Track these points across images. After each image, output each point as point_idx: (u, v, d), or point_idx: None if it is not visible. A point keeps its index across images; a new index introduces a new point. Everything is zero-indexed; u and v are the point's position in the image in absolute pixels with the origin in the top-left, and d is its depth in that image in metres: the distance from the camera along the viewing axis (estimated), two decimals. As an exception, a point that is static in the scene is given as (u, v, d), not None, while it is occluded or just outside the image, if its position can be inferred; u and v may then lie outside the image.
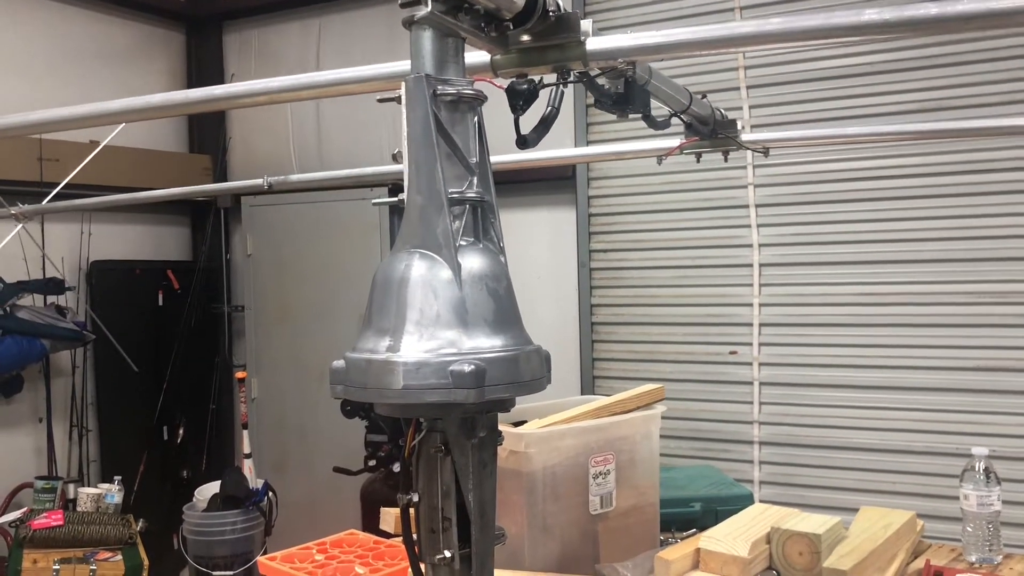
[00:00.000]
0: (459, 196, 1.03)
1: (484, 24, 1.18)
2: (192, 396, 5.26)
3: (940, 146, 3.69)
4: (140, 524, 3.94)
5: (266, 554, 2.46)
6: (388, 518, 2.44)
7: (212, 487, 3.93)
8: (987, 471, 2.13)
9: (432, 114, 1.00)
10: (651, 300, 4.35)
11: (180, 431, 5.19)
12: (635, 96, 1.71)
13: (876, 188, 3.85)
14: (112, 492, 4.12)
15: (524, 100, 1.47)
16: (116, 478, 4.26)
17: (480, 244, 1.04)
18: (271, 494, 3.98)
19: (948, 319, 3.73)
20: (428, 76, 1.01)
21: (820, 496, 3.87)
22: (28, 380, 4.55)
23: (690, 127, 2.29)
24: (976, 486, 2.12)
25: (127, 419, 5.03)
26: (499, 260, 1.05)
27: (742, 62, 4.07)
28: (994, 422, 3.63)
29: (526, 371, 1.00)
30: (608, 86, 1.67)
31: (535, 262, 4.58)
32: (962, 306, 3.70)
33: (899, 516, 2.20)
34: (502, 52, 1.34)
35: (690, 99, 2.07)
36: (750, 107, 4.06)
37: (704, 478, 2.96)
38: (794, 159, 3.99)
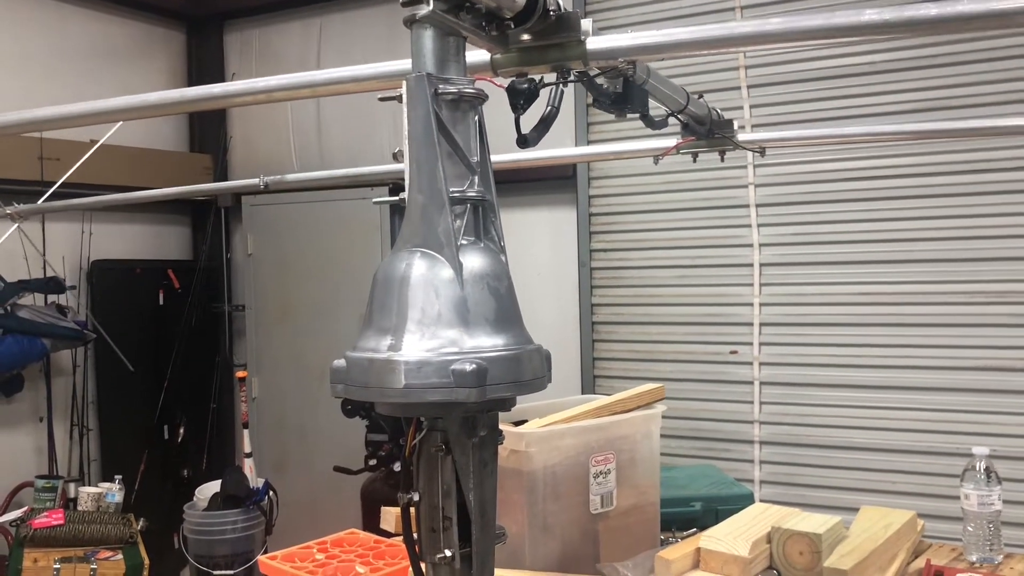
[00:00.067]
0: (460, 195, 1.03)
1: (485, 23, 1.18)
2: (193, 395, 5.26)
3: (940, 146, 3.69)
4: (141, 523, 3.95)
5: (266, 553, 2.46)
6: (389, 517, 2.44)
7: (213, 486, 3.95)
8: (988, 471, 2.13)
9: (433, 113, 1.00)
10: (652, 299, 4.35)
11: (181, 430, 5.19)
12: (634, 96, 1.71)
13: (876, 188, 3.85)
14: (113, 491, 4.12)
15: (525, 99, 1.47)
16: (117, 477, 4.27)
17: (481, 243, 1.04)
18: (271, 493, 4.01)
19: (949, 319, 3.72)
20: (429, 75, 1.01)
21: (821, 496, 3.87)
22: (29, 379, 4.55)
23: (687, 127, 2.29)
24: (977, 486, 2.12)
25: (128, 418, 5.03)
26: (500, 259, 1.05)
27: (743, 61, 4.07)
28: (995, 422, 3.63)
29: (527, 370, 1.00)
30: (607, 86, 1.67)
31: (535, 261, 4.58)
32: (962, 306, 3.70)
33: (900, 516, 2.20)
34: (502, 51, 1.34)
35: (687, 99, 2.07)
36: (751, 106, 4.06)
37: (704, 477, 2.95)
38: (794, 159, 3.99)
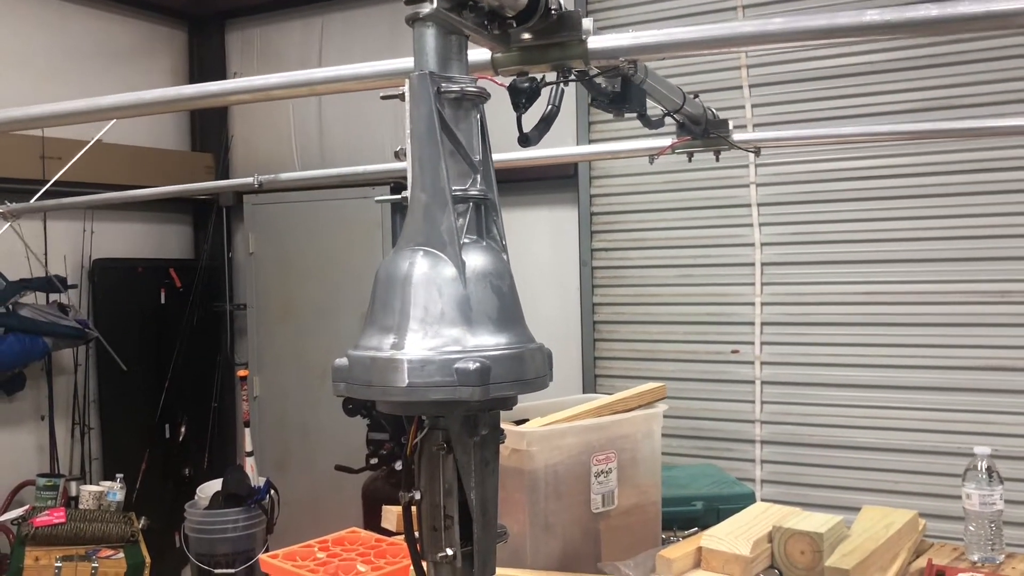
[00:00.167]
0: (462, 194, 1.03)
1: (487, 22, 1.18)
2: (194, 394, 5.27)
3: (941, 145, 3.68)
4: (142, 522, 3.95)
5: (268, 552, 2.46)
6: (390, 516, 2.44)
7: (214, 485, 3.95)
8: (990, 470, 2.13)
9: (436, 112, 1.00)
10: (653, 299, 4.35)
11: (182, 429, 5.19)
12: (632, 95, 1.71)
13: (878, 187, 3.84)
14: (114, 490, 4.13)
15: (526, 98, 1.47)
16: (118, 476, 4.27)
17: (483, 242, 1.04)
18: (273, 492, 4.01)
19: (951, 318, 3.72)
20: (432, 73, 1.01)
21: (822, 495, 3.86)
22: (30, 378, 4.56)
23: (683, 127, 2.30)
24: (979, 485, 2.12)
25: (129, 417, 5.03)
26: (502, 258, 1.05)
27: (744, 61, 4.06)
28: (997, 421, 3.63)
29: (530, 369, 1.00)
30: (605, 85, 1.67)
31: (537, 261, 4.58)
32: (965, 305, 3.70)
33: (901, 515, 2.20)
34: (503, 50, 1.34)
35: (683, 99, 2.07)
36: (752, 106, 4.06)
37: (706, 477, 2.95)
38: (796, 158, 3.98)
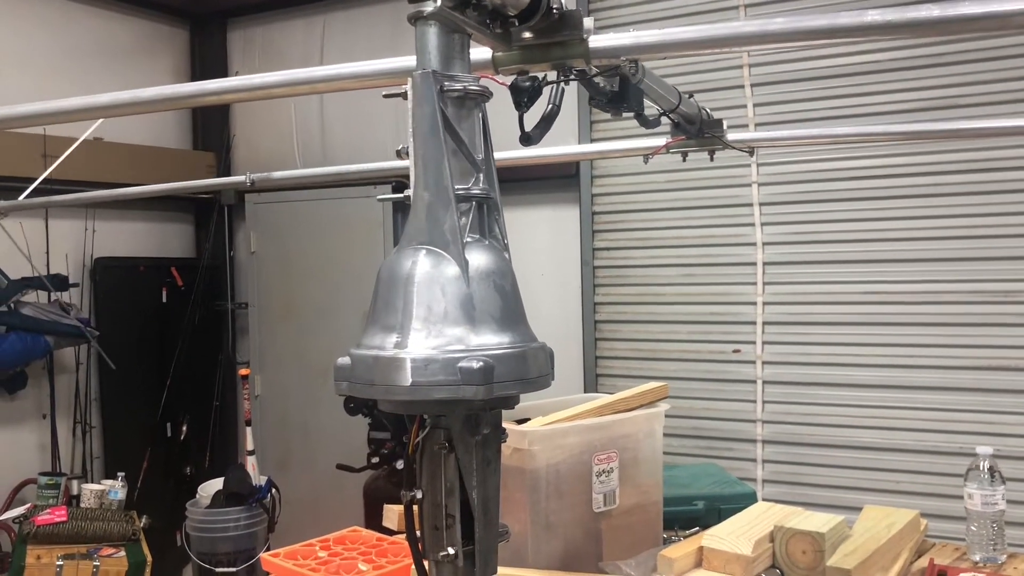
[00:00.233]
0: (465, 193, 1.03)
1: (489, 20, 1.18)
2: (195, 393, 5.27)
3: (944, 144, 3.68)
4: (143, 520, 3.95)
5: (269, 551, 2.47)
6: (391, 515, 2.44)
7: (215, 484, 3.96)
8: (992, 470, 2.12)
9: (439, 110, 1.00)
10: (654, 298, 4.34)
11: (183, 428, 5.19)
12: (630, 95, 1.71)
13: (880, 187, 3.84)
14: (115, 488, 4.13)
15: (528, 97, 1.47)
16: (119, 474, 4.28)
17: (486, 241, 1.04)
18: (274, 491, 4.01)
19: (953, 318, 3.71)
20: (435, 72, 1.01)
21: (823, 495, 3.86)
22: (32, 376, 4.56)
23: (678, 126, 2.31)
24: (980, 485, 2.12)
25: (130, 416, 5.04)
26: (504, 257, 1.04)
27: (746, 60, 4.06)
28: (999, 421, 3.62)
29: (533, 368, 1.00)
30: (604, 85, 1.67)
31: (538, 260, 4.58)
32: (967, 305, 3.69)
33: (903, 515, 2.20)
34: (504, 49, 1.34)
35: (679, 99, 2.07)
36: (754, 105, 4.06)
37: (707, 476, 2.94)
38: (798, 157, 3.98)
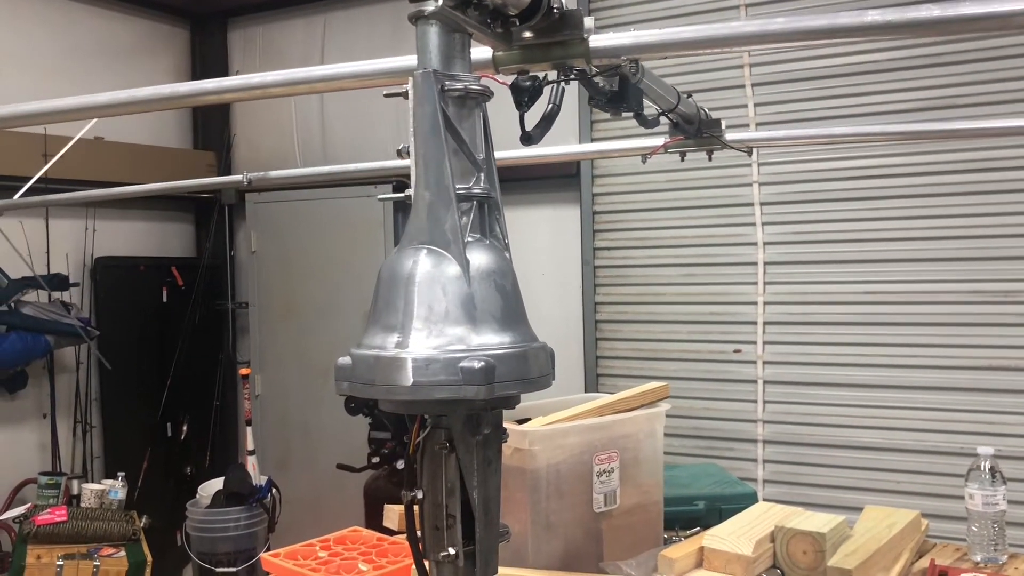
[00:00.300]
0: (466, 192, 1.03)
1: (490, 20, 1.18)
2: (196, 393, 5.27)
3: (945, 144, 3.67)
4: (144, 520, 3.95)
5: (269, 551, 2.47)
6: (392, 515, 2.44)
7: (216, 484, 3.96)
8: (993, 470, 2.12)
9: (440, 110, 1.00)
10: (655, 298, 4.34)
11: (184, 428, 5.19)
12: (630, 95, 1.71)
13: (881, 186, 3.84)
14: (116, 488, 4.13)
15: (529, 97, 1.46)
16: (120, 474, 4.28)
17: (486, 241, 1.04)
18: (274, 491, 4.01)
19: (954, 318, 3.71)
20: (436, 71, 1.01)
21: (824, 495, 3.86)
22: (32, 376, 4.56)
23: (676, 126, 2.31)
24: (982, 485, 2.12)
25: (131, 415, 5.03)
26: (505, 257, 1.04)
27: (747, 59, 4.06)
28: (1000, 421, 3.62)
29: (534, 368, 1.00)
30: (603, 84, 1.67)
31: (539, 259, 4.58)
32: (968, 305, 3.69)
33: (903, 515, 2.19)
34: (505, 48, 1.34)
35: (678, 98, 2.08)
36: (755, 104, 4.05)
37: (708, 476, 2.94)
38: (799, 157, 3.98)
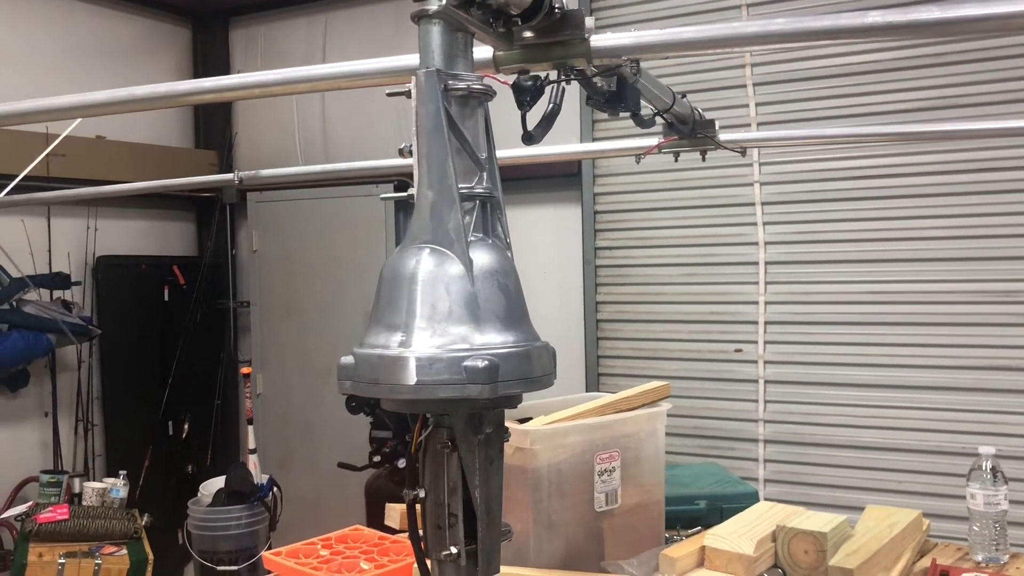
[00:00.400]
0: (468, 192, 1.03)
1: (492, 20, 1.18)
2: (197, 392, 5.27)
3: (947, 144, 3.67)
4: (145, 519, 3.96)
5: (271, 549, 2.47)
6: (393, 514, 2.43)
7: (217, 482, 3.96)
8: (994, 470, 2.12)
9: (443, 109, 1.00)
10: (657, 297, 4.34)
11: (185, 426, 5.20)
12: (627, 95, 1.72)
13: (882, 186, 3.83)
14: (117, 486, 4.13)
15: (531, 96, 1.47)
16: (121, 473, 4.28)
17: (489, 240, 1.04)
18: (276, 489, 4.01)
19: (956, 318, 3.71)
20: (439, 71, 1.01)
21: (825, 494, 3.86)
22: (34, 374, 4.56)
23: (671, 126, 2.32)
24: (983, 485, 2.12)
25: (132, 414, 5.04)
26: (507, 256, 1.05)
27: (749, 59, 4.05)
28: (1001, 421, 3.62)
29: (537, 367, 1.00)
30: (601, 84, 1.67)
31: (540, 259, 4.57)
32: (970, 304, 3.69)
33: (905, 515, 2.19)
34: (506, 48, 1.34)
35: (673, 99, 2.08)
36: (757, 104, 4.05)
37: (709, 476, 2.95)
38: (800, 156, 3.98)
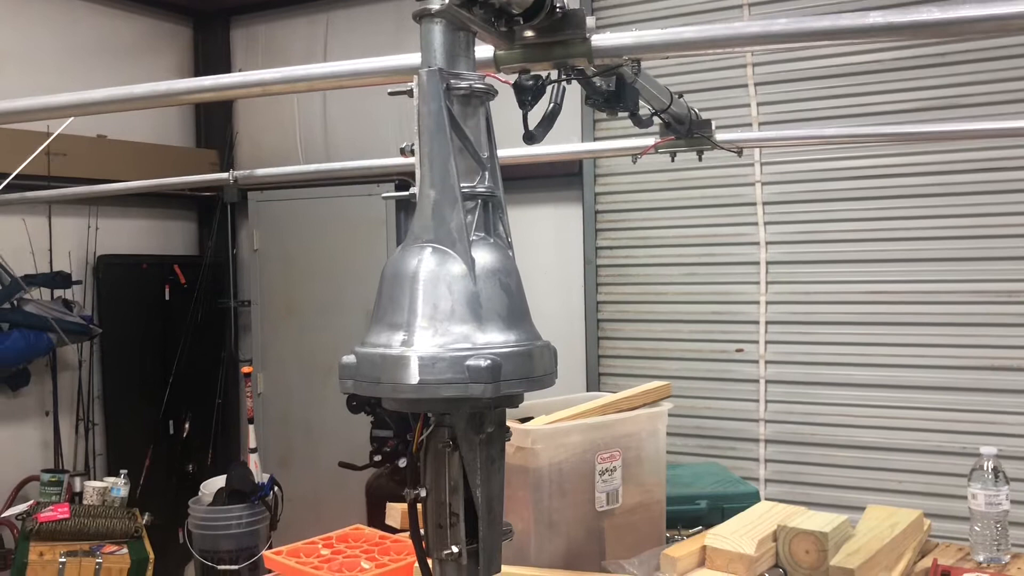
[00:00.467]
0: (470, 191, 1.03)
1: (494, 19, 1.18)
2: (198, 391, 5.27)
3: (949, 144, 3.67)
4: (146, 518, 3.96)
5: (271, 548, 2.47)
6: (394, 513, 2.43)
7: (218, 481, 3.96)
8: (996, 470, 2.12)
9: (446, 108, 1.00)
10: (658, 297, 4.34)
11: (186, 425, 5.20)
12: (626, 95, 1.72)
13: (884, 186, 3.83)
14: (118, 486, 4.13)
15: (532, 96, 1.47)
16: (122, 472, 4.28)
17: (491, 239, 1.04)
18: (276, 489, 4.01)
19: (957, 318, 3.71)
20: (441, 70, 1.01)
21: (826, 494, 3.86)
22: (35, 374, 4.56)
23: (668, 126, 2.32)
24: (984, 485, 2.12)
25: (133, 413, 5.04)
26: (509, 255, 1.05)
27: (750, 59, 4.05)
28: (1002, 421, 3.61)
29: (539, 366, 1.00)
30: (600, 84, 1.67)
31: (541, 258, 4.57)
32: (970, 304, 3.69)
33: (906, 515, 2.19)
34: (507, 47, 1.34)
35: (671, 99, 2.08)
36: (758, 104, 4.05)
37: (710, 475, 2.94)
38: (801, 156, 3.98)
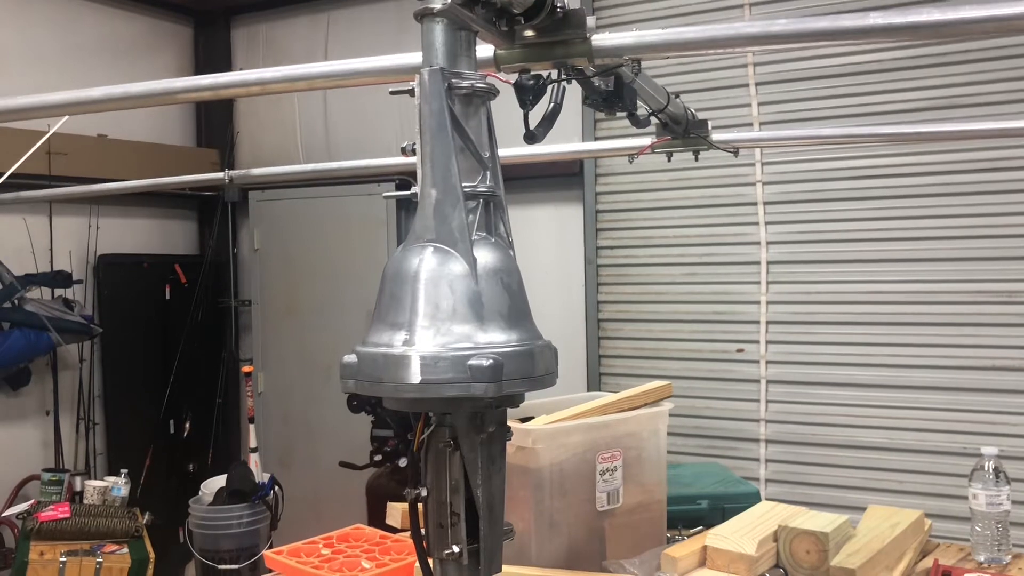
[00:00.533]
0: (472, 190, 1.03)
1: (495, 18, 1.18)
2: (198, 390, 5.27)
3: (950, 144, 3.67)
4: (146, 517, 3.96)
5: (272, 548, 2.47)
6: (394, 513, 2.43)
7: (218, 481, 3.97)
8: (997, 471, 2.12)
9: (447, 108, 1.00)
10: (658, 297, 4.34)
11: (187, 425, 5.20)
12: (625, 95, 1.72)
13: (885, 186, 3.83)
14: (118, 485, 4.14)
15: (533, 95, 1.47)
16: (123, 471, 4.28)
17: (492, 239, 1.04)
18: (277, 488, 4.02)
19: (958, 318, 3.71)
20: (443, 69, 1.01)
21: (827, 494, 3.86)
22: (35, 373, 4.56)
23: (665, 126, 2.32)
24: (985, 486, 2.12)
25: (134, 412, 5.04)
26: (510, 255, 1.05)
27: (751, 59, 4.05)
28: (1003, 421, 3.61)
29: (540, 366, 1.00)
30: (599, 84, 1.67)
31: (542, 258, 4.57)
32: (971, 304, 3.68)
33: (907, 515, 2.19)
34: (507, 47, 1.34)
35: (668, 99, 2.08)
36: (759, 103, 4.05)
37: (711, 475, 2.94)
38: (802, 156, 3.97)
